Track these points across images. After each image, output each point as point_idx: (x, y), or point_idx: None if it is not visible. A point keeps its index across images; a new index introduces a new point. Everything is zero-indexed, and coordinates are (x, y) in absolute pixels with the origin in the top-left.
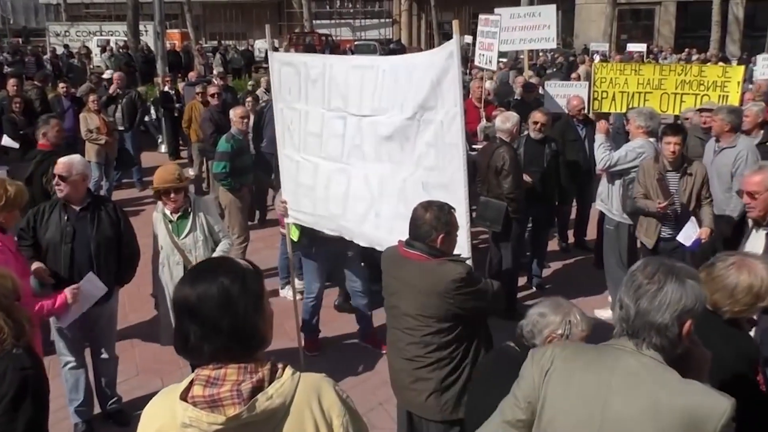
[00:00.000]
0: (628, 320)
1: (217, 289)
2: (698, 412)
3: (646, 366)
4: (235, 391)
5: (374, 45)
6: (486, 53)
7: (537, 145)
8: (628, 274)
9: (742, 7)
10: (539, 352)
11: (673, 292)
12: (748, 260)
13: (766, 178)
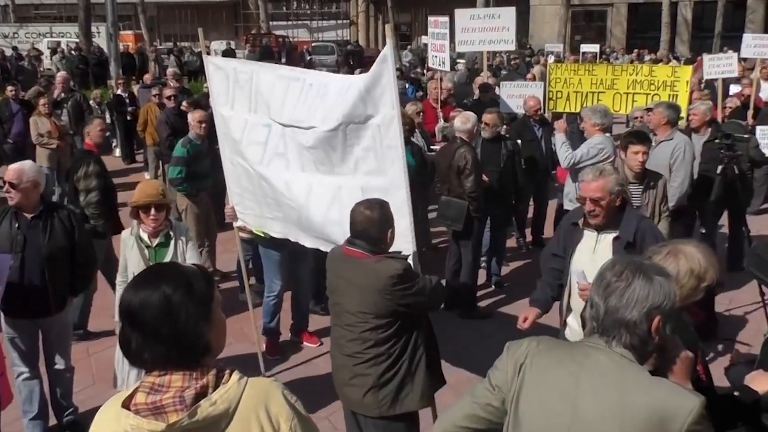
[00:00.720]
0: (598, 318)
1: (157, 297)
2: (664, 410)
3: (616, 363)
4: (178, 398)
5: (331, 46)
6: (438, 54)
7: (492, 144)
8: (597, 272)
9: (690, 9)
10: (514, 345)
11: (641, 288)
12: (679, 246)
13: (608, 183)
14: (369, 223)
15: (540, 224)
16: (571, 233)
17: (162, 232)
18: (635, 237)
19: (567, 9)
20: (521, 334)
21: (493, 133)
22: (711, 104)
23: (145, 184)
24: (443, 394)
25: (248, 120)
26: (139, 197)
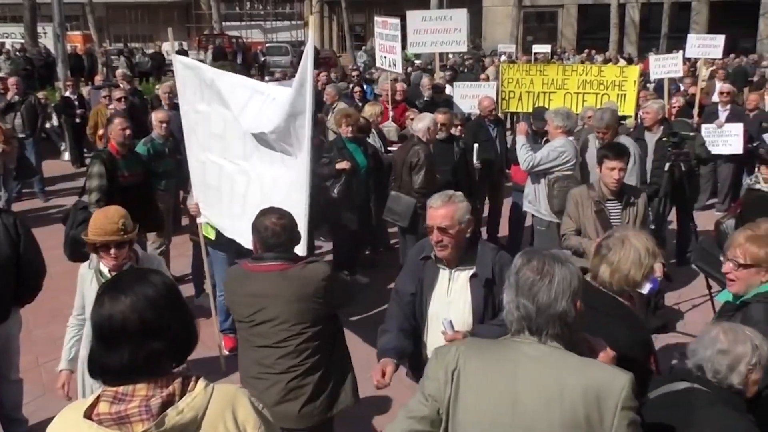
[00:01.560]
0: (530, 318)
1: (165, 290)
2: (599, 388)
3: (548, 353)
4: (144, 407)
5: (286, 47)
6: (388, 56)
7: (444, 144)
8: (512, 273)
9: (637, 10)
10: (443, 350)
11: (563, 278)
12: (625, 235)
13: (457, 210)
14: (285, 232)
15: (495, 223)
16: (422, 269)
17: (126, 266)
18: (493, 272)
19: (519, 10)
20: None
21: (445, 133)
22: (663, 103)
23: (102, 216)
24: (401, 392)
25: (226, 114)
26: (95, 235)
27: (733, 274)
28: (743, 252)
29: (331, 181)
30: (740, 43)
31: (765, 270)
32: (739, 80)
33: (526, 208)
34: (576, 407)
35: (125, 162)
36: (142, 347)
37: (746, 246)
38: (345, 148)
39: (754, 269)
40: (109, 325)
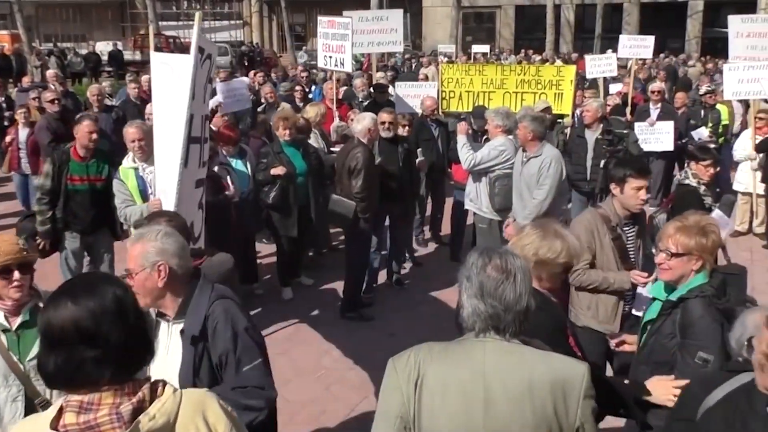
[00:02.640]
0: (498, 318)
1: (112, 302)
2: (564, 378)
3: (513, 350)
4: (115, 415)
5: (225, 47)
6: (336, 55)
7: (390, 144)
8: (473, 274)
9: (572, 11)
10: (400, 360)
11: (523, 274)
12: (546, 227)
13: (144, 251)
14: (182, 232)
15: (438, 221)
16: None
17: (26, 307)
18: (205, 327)
19: (458, 11)
20: (423, 330)
21: (392, 133)
22: (603, 101)
23: None
24: (345, 393)
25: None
26: None
27: (666, 264)
28: (674, 242)
29: (267, 188)
30: (669, 43)
31: (696, 258)
32: (670, 79)
33: (467, 206)
34: (545, 401)
35: (81, 165)
36: (74, 354)
37: (677, 236)
38: (282, 153)
39: (685, 258)
40: (47, 329)
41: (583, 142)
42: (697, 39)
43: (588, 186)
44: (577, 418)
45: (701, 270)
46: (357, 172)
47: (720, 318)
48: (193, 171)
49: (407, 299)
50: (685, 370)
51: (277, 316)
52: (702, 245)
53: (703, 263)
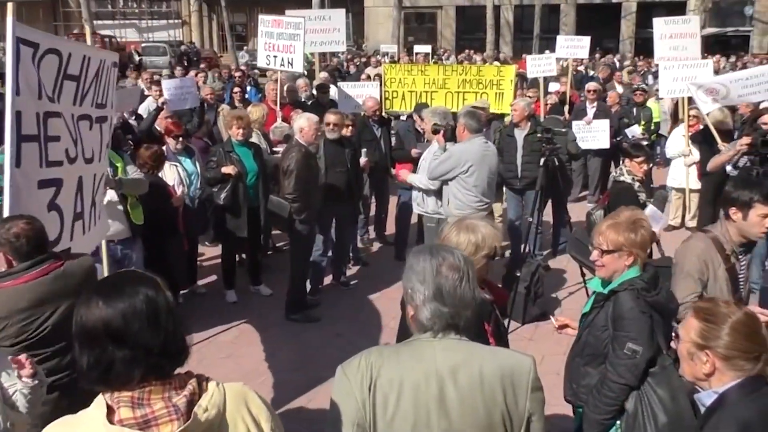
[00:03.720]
0: (459, 316)
1: (143, 304)
2: (512, 372)
3: (461, 347)
4: (172, 407)
5: (163, 47)
6: (283, 55)
7: (336, 145)
8: (430, 277)
9: (511, 12)
10: (350, 366)
11: (472, 270)
12: (466, 222)
13: None
14: (40, 233)
15: (383, 221)
16: None
17: None
18: None
19: (399, 11)
20: (369, 329)
21: (337, 134)
22: (529, 100)
23: None
24: (291, 395)
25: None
26: None
27: (600, 261)
28: (605, 239)
29: (217, 187)
30: (604, 43)
31: (627, 254)
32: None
33: (416, 210)
34: (496, 395)
35: None
36: (104, 354)
37: (607, 233)
38: (233, 152)
39: (616, 254)
40: (80, 329)
41: (513, 140)
42: (630, 39)
43: (519, 183)
44: (526, 410)
45: (633, 265)
46: (289, 173)
47: (649, 310)
48: (30, 171)
49: (353, 299)
50: (616, 362)
51: (222, 319)
52: (632, 240)
53: (634, 258)
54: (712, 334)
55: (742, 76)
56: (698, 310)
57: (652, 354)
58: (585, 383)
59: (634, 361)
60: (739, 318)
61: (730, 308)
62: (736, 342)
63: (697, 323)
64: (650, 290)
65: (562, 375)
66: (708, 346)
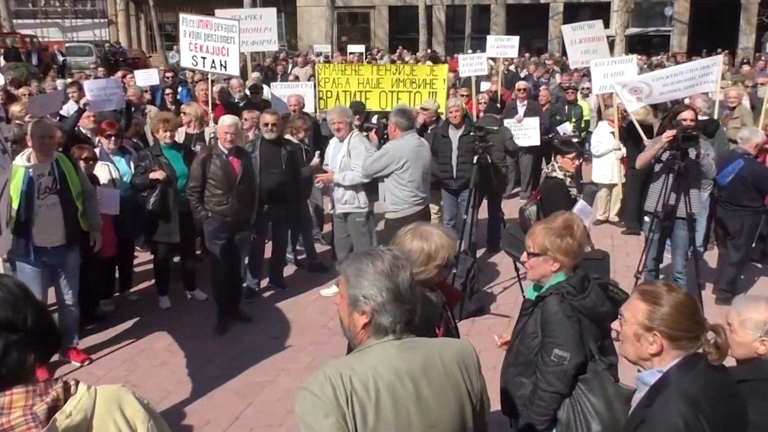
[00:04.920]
0: (415, 313)
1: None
2: (463, 357)
3: (416, 343)
4: (30, 415)
5: (89, 47)
6: (214, 57)
7: (272, 146)
8: (386, 281)
9: (443, 12)
10: (316, 385)
11: (411, 265)
12: (421, 228)
13: None
14: None
15: (319, 221)
16: None
17: None
18: None
19: (332, 11)
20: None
21: (274, 135)
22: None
23: None
24: (229, 401)
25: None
26: None
27: (528, 263)
28: (533, 242)
29: (146, 192)
30: (534, 43)
31: (552, 259)
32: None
33: (341, 210)
34: (458, 380)
35: None
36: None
37: (536, 236)
38: (161, 156)
39: (541, 258)
40: None
41: (448, 141)
42: (558, 39)
43: (455, 184)
44: (479, 389)
45: (560, 270)
46: (191, 171)
47: (576, 314)
48: None
49: (290, 301)
50: (544, 369)
51: (155, 326)
52: (556, 246)
53: (560, 264)
54: (658, 315)
55: (663, 74)
56: (643, 293)
57: (581, 360)
58: (520, 394)
59: (562, 368)
60: (682, 299)
61: (673, 290)
62: (681, 322)
63: (644, 305)
64: (577, 294)
65: (497, 370)
66: (655, 327)
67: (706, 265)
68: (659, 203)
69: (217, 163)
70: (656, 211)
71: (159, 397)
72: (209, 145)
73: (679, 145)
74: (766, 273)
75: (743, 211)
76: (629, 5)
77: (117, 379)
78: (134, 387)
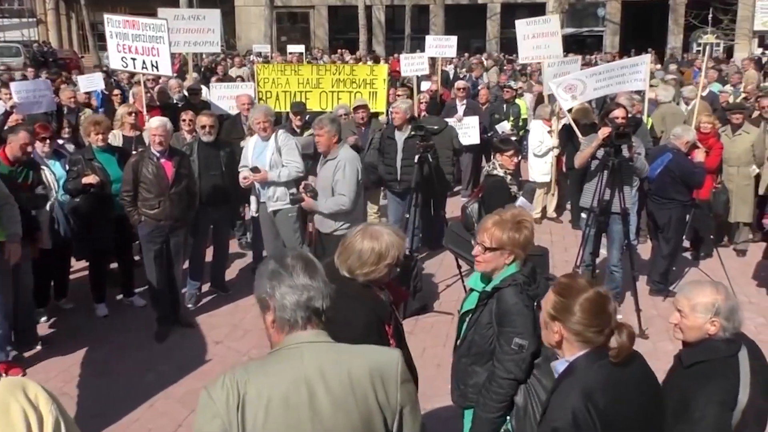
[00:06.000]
0: (316, 299)
1: None
2: (379, 367)
3: (329, 348)
4: None
5: (17, 47)
6: (145, 58)
7: (211, 148)
8: (281, 271)
9: (383, 12)
10: (214, 387)
11: (317, 266)
12: (371, 228)
13: None
14: None
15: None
16: None
17: None
18: None
19: (271, 10)
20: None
21: (212, 137)
22: (411, 102)
23: None
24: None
25: None
26: None
27: (481, 257)
28: (489, 236)
29: (79, 197)
30: (472, 42)
31: (508, 252)
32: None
33: (273, 207)
34: (367, 392)
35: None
36: None
37: (492, 230)
38: (94, 160)
39: (498, 252)
40: None
41: (393, 143)
42: (496, 39)
43: (399, 186)
44: (398, 403)
45: (513, 262)
46: (123, 175)
47: (531, 304)
48: None
49: (232, 305)
50: (504, 358)
51: (93, 335)
52: (515, 240)
53: (515, 257)
54: (563, 307)
55: (596, 71)
56: (558, 285)
57: (537, 347)
58: (473, 382)
59: (521, 356)
60: (589, 296)
61: (584, 286)
62: (583, 318)
63: (554, 297)
64: (531, 284)
65: (442, 367)
66: (558, 318)
67: (641, 257)
68: (595, 199)
69: (149, 166)
70: (592, 206)
71: (99, 409)
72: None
73: (612, 143)
74: (696, 264)
75: (671, 204)
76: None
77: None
78: (72, 399)
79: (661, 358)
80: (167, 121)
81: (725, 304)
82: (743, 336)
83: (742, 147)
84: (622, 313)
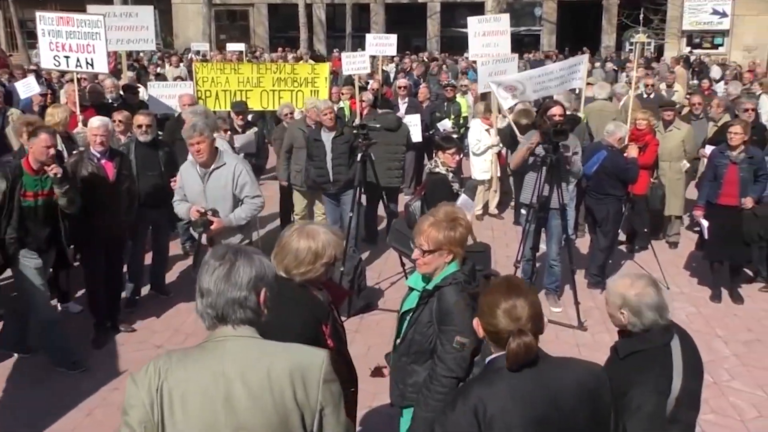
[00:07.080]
0: (214, 306)
1: None
2: (301, 366)
3: (249, 344)
4: None
5: None
6: (79, 55)
7: (148, 148)
8: (202, 263)
9: (323, 10)
10: (139, 374)
11: (243, 266)
12: (307, 228)
13: None
14: None
15: None
16: None
17: None
18: None
19: (210, 8)
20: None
21: (149, 137)
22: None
23: None
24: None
25: None
26: None
27: (421, 260)
28: (427, 239)
29: None
30: (413, 41)
31: (447, 252)
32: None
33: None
34: (285, 391)
35: (35, 180)
36: None
37: (428, 232)
38: None
39: (437, 253)
40: None
41: (321, 144)
42: (436, 38)
43: (333, 188)
44: (318, 402)
45: (453, 260)
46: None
47: (472, 302)
48: None
49: (174, 309)
50: (445, 357)
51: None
52: (452, 239)
53: (454, 255)
54: (479, 306)
55: (535, 74)
56: (490, 284)
57: (477, 344)
58: (412, 381)
59: (462, 354)
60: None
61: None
62: (490, 319)
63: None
64: (471, 282)
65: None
66: (477, 315)
67: (579, 251)
68: (534, 195)
69: (89, 168)
70: (531, 202)
71: (36, 418)
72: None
73: (551, 139)
74: (632, 257)
75: (607, 199)
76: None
77: None
78: (8, 409)
79: (599, 349)
80: (108, 121)
81: (635, 299)
82: (675, 325)
83: (673, 143)
84: (561, 306)
